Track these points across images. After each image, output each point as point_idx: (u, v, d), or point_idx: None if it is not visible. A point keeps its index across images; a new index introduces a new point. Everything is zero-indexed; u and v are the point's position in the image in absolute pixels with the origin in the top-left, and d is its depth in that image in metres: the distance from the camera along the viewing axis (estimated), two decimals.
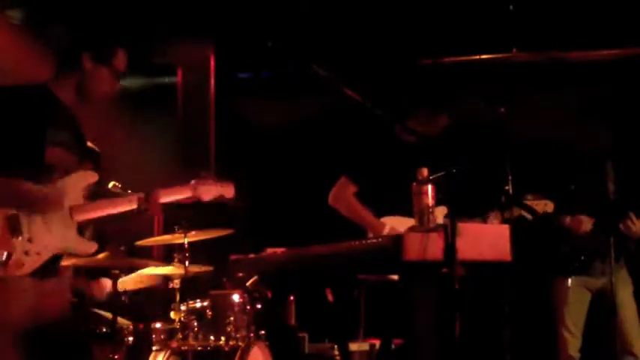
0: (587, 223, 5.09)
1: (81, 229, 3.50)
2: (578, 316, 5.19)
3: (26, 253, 3.28)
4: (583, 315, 5.19)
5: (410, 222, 4.07)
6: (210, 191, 3.73)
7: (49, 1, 6.14)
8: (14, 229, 3.27)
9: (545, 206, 4.69)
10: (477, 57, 6.50)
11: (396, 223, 4.23)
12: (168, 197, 3.64)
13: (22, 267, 3.27)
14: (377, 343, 5.17)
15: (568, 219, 5.11)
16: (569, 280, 5.16)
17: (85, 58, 3.50)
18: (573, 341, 5.16)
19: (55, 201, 3.39)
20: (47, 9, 6.11)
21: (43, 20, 6.18)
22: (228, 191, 3.78)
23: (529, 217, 4.63)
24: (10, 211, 3.27)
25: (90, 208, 3.51)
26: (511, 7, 5.95)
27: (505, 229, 3.52)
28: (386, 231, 4.26)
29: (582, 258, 5.13)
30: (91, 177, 3.54)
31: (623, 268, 5.19)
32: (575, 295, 5.18)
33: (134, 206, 3.56)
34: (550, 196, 4.70)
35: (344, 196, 4.47)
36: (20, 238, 3.28)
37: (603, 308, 5.13)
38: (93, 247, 3.52)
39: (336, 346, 5.37)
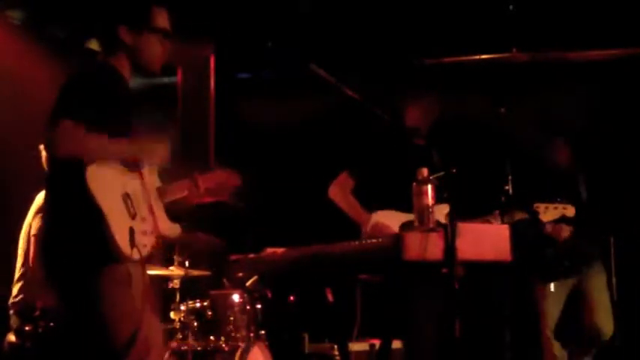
0: (565, 231, 5.15)
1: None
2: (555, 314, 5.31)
3: (144, 233, 3.09)
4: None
5: (402, 216, 4.11)
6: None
7: (49, 1, 6.14)
8: (130, 208, 3.07)
9: (564, 210, 4.71)
10: (477, 57, 6.50)
11: (388, 217, 4.27)
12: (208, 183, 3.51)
13: (145, 248, 3.09)
14: (377, 343, 5.17)
15: (550, 226, 5.15)
16: (552, 285, 5.28)
17: (123, 32, 3.25)
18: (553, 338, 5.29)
19: (164, 155, 3.28)
20: (47, 9, 6.12)
21: (43, 20, 6.19)
22: None
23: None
24: (123, 190, 3.07)
25: (174, 190, 3.39)
26: (511, 7, 5.95)
27: (505, 229, 3.52)
28: (370, 224, 4.32)
29: (566, 263, 5.21)
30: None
31: (598, 266, 5.29)
32: (555, 297, 5.30)
33: (185, 193, 3.44)
34: (572, 200, 4.73)
35: (342, 190, 4.54)
36: (137, 218, 3.08)
37: (578, 303, 5.28)
38: (178, 229, 3.36)
39: (336, 346, 5.37)
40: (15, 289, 4.70)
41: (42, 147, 4.75)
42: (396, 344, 4.43)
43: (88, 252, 2.99)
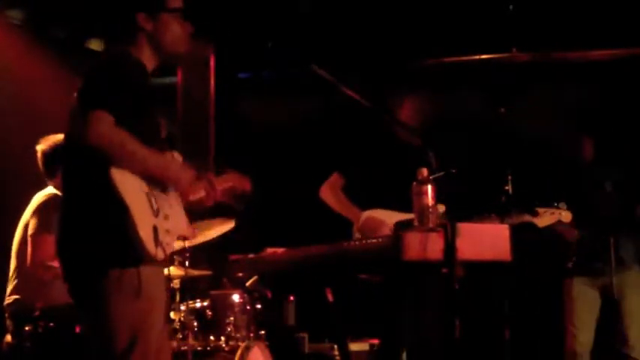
0: (574, 232, 5.13)
1: None
2: (584, 312, 5.22)
3: (167, 231, 2.96)
4: (590, 312, 5.23)
5: (394, 215, 4.12)
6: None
7: (49, 1, 6.14)
8: (153, 205, 2.93)
9: (560, 215, 4.70)
10: (477, 57, 6.50)
11: (379, 216, 4.28)
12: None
13: (169, 246, 2.98)
14: (377, 343, 5.17)
15: (561, 227, 5.13)
16: (574, 280, 5.22)
17: (142, 19, 3.14)
18: (578, 335, 5.20)
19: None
20: (47, 9, 6.12)
21: (43, 20, 6.19)
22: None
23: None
24: (145, 188, 2.94)
25: (195, 190, 3.22)
26: (511, 7, 5.95)
27: (505, 229, 3.51)
28: (361, 221, 4.32)
29: (575, 260, 5.19)
30: (180, 157, 3.25)
31: (633, 271, 5.19)
32: (580, 293, 5.22)
33: (202, 195, 3.30)
34: (569, 206, 4.72)
35: (332, 189, 4.55)
36: (160, 215, 2.94)
37: (607, 307, 5.20)
38: (196, 231, 3.26)
39: (336, 346, 5.37)
40: (8, 289, 4.69)
41: (38, 147, 4.75)
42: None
43: (109, 250, 2.86)
